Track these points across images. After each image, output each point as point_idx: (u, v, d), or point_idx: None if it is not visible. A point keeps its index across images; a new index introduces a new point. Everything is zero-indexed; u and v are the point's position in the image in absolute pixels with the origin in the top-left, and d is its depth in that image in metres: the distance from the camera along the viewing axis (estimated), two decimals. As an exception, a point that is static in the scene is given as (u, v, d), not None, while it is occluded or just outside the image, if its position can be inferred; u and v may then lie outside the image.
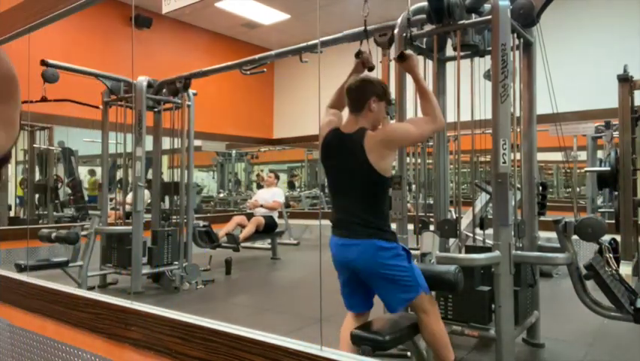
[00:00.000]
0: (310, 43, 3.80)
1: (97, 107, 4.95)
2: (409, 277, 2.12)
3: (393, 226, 2.64)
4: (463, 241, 2.99)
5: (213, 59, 5.80)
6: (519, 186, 2.96)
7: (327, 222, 2.33)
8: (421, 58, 3.04)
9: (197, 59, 7.66)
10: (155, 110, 4.98)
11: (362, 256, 2.09)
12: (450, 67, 3.08)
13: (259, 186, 9.80)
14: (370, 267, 2.10)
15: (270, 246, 6.73)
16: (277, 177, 7.26)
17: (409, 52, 2.33)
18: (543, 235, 3.09)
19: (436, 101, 2.24)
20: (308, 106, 8.11)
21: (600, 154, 6.14)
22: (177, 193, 4.79)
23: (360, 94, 2.16)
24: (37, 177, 7.14)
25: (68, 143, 7.53)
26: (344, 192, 2.21)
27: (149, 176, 5.19)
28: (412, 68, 2.25)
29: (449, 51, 3.08)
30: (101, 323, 2.04)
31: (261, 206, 6.48)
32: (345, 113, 2.32)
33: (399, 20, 2.87)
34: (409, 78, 2.80)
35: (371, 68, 2.43)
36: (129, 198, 4.95)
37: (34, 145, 6.88)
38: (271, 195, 6.63)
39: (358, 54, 2.41)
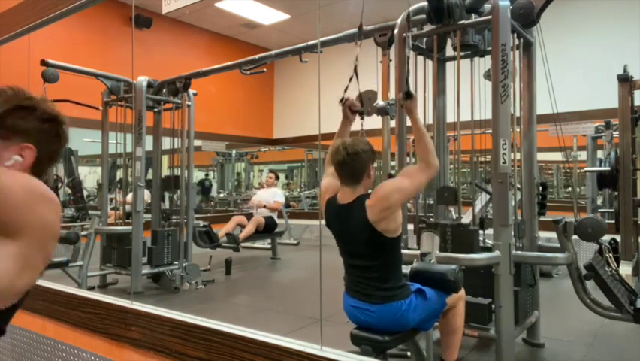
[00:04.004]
0: (310, 43, 3.81)
1: (97, 108, 4.95)
2: (432, 311, 2.16)
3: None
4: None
5: (213, 59, 5.80)
6: (519, 186, 2.96)
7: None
8: (420, 58, 3.05)
9: (197, 59, 7.65)
10: (155, 110, 4.98)
11: (381, 321, 2.06)
12: (450, 67, 3.08)
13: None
14: (392, 328, 2.07)
15: (270, 246, 6.72)
16: (277, 178, 7.25)
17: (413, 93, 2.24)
18: (543, 235, 3.09)
19: (432, 143, 2.15)
20: (308, 106, 8.12)
21: (600, 154, 6.13)
22: (177, 187, 4.76)
23: (356, 169, 2.07)
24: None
25: (68, 143, 7.50)
26: (354, 256, 2.13)
27: (149, 176, 5.19)
28: (413, 108, 2.18)
29: (449, 51, 3.07)
30: (101, 323, 2.04)
31: (264, 207, 6.46)
32: None
33: (399, 20, 2.87)
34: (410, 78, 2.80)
35: (361, 113, 2.28)
36: (129, 198, 4.95)
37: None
38: (271, 195, 6.62)
39: (342, 100, 2.26)
